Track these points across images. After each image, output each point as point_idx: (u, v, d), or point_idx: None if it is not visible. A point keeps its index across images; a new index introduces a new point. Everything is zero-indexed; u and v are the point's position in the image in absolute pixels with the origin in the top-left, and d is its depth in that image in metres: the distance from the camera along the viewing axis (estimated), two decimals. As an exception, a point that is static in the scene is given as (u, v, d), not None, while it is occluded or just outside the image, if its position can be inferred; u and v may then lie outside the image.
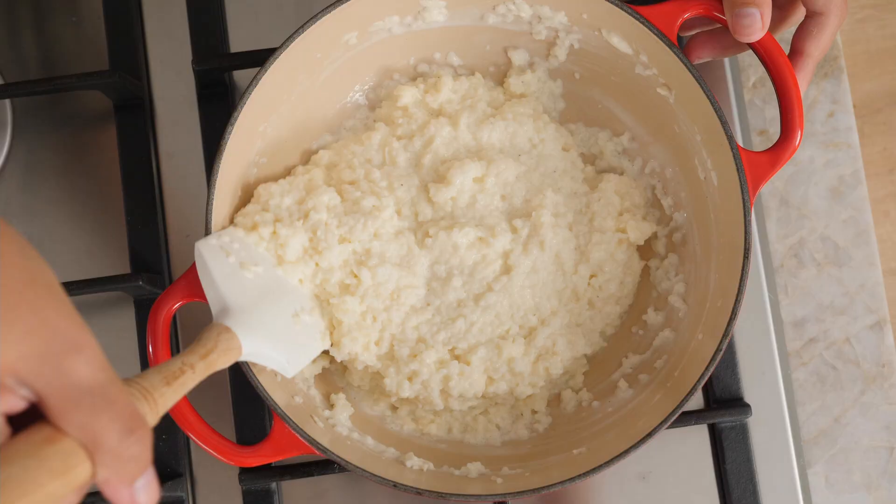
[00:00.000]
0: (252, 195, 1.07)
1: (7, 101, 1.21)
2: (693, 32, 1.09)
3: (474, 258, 1.08)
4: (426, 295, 1.08)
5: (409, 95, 1.12)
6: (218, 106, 1.20)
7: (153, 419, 0.77)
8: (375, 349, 1.07)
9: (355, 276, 1.06)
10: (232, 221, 1.05)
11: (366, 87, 1.14)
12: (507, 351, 1.07)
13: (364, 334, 1.06)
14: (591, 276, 1.11)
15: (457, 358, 1.07)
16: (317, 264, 1.05)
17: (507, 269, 1.08)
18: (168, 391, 0.80)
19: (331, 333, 1.06)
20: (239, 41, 1.21)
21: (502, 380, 1.08)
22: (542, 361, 1.08)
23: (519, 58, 1.13)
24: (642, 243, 1.12)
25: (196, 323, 1.17)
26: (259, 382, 0.98)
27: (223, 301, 0.97)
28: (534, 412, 1.11)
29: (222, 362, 0.91)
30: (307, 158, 1.12)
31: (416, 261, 1.08)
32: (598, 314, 1.11)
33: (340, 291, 1.06)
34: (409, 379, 1.06)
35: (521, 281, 1.08)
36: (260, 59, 1.08)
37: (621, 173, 1.14)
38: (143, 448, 0.69)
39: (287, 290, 1.04)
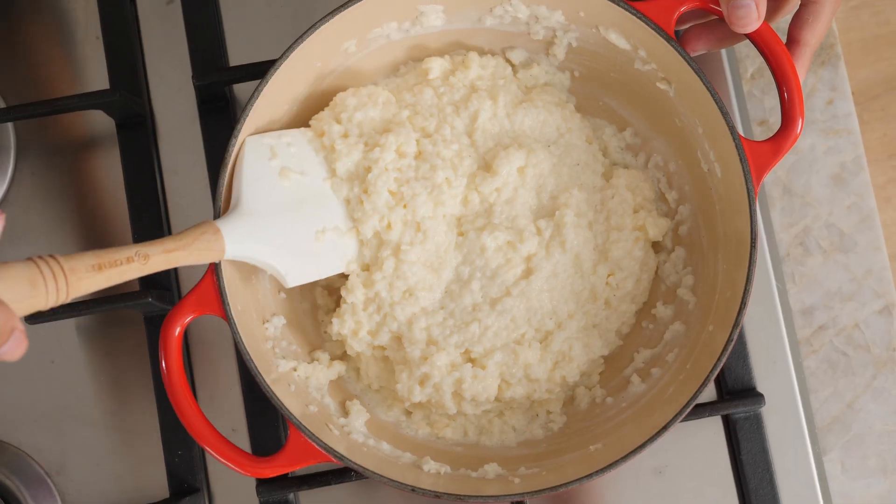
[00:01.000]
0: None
1: (9, 125, 1.22)
2: (688, 25, 1.09)
3: (499, 261, 1.08)
4: (441, 298, 1.08)
5: (438, 67, 1.12)
6: (219, 120, 1.20)
7: (55, 299, 0.80)
8: (368, 339, 1.08)
9: (377, 260, 1.06)
10: None
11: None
12: (523, 356, 1.07)
13: (356, 321, 1.07)
14: (609, 275, 1.11)
15: (472, 361, 1.07)
16: (360, 201, 1.06)
17: (527, 273, 1.08)
18: (95, 277, 0.83)
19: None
20: (238, 54, 1.22)
21: (519, 385, 1.08)
22: (558, 370, 1.08)
23: (517, 56, 1.13)
24: (661, 239, 1.12)
25: (208, 336, 1.17)
26: (274, 393, 0.98)
27: (239, 199, 1.00)
28: (548, 412, 1.11)
29: (192, 259, 0.93)
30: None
31: (448, 263, 1.08)
32: (614, 313, 1.12)
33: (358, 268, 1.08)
34: (421, 383, 1.06)
35: (540, 285, 1.08)
36: (260, 71, 1.08)
37: (626, 168, 1.14)
38: None
39: (324, 204, 1.06)
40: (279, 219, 1.02)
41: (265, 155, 1.03)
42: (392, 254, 1.06)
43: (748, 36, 1.00)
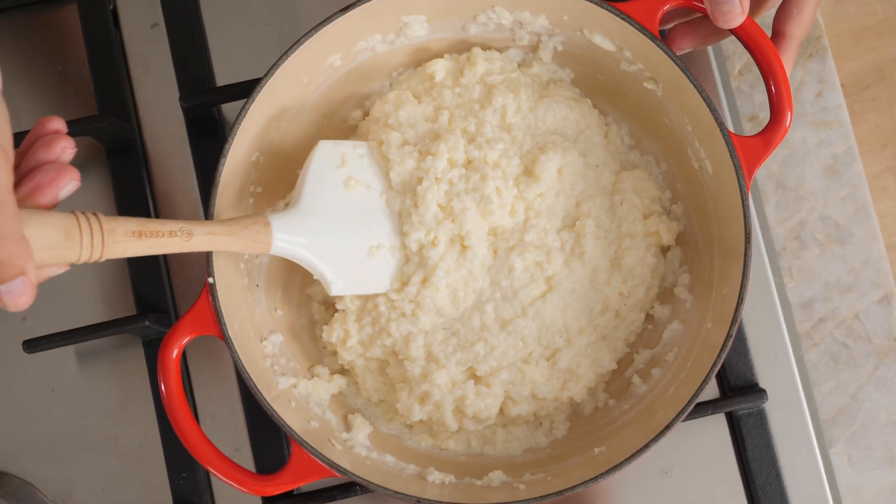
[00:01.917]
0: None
1: (-1, 155, 1.21)
2: (672, 24, 1.09)
3: (524, 282, 1.06)
4: (447, 320, 1.08)
5: (442, 69, 1.11)
6: (209, 141, 1.20)
7: (88, 254, 0.80)
8: (359, 349, 1.07)
9: (406, 281, 1.06)
10: None
11: (354, 104, 1.14)
12: (529, 375, 1.06)
13: (345, 329, 1.07)
14: (621, 283, 1.10)
15: (475, 378, 1.07)
16: (409, 213, 1.06)
17: (546, 291, 1.07)
18: (133, 242, 0.83)
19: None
20: (224, 75, 1.22)
21: (525, 403, 1.07)
22: (566, 390, 1.07)
23: (513, 57, 1.13)
24: (674, 243, 1.11)
25: (207, 356, 1.17)
26: (274, 411, 0.98)
27: (298, 199, 1.01)
28: (553, 422, 1.11)
29: (237, 247, 0.94)
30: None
31: (473, 291, 1.07)
32: (623, 322, 1.10)
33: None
34: (421, 401, 1.06)
35: (555, 303, 1.07)
36: (246, 90, 1.08)
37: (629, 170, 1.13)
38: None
39: (382, 221, 1.06)
40: (336, 225, 1.02)
41: (335, 162, 1.04)
42: (421, 280, 1.05)
43: (733, 31, 1.00)
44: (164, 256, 1.19)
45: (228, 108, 1.21)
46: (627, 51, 1.05)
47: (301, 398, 1.05)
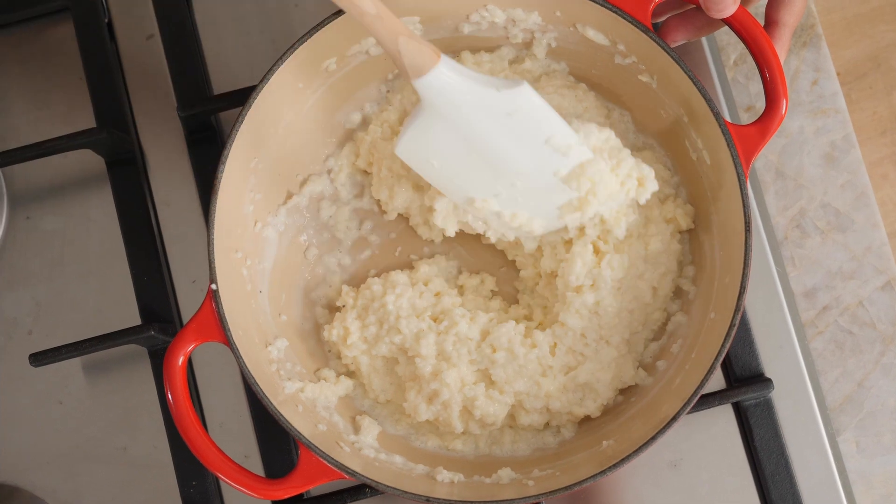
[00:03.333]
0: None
1: (0, 171, 1.22)
2: (665, 17, 1.09)
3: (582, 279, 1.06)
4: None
5: None
6: (208, 149, 1.20)
7: None
8: (362, 346, 1.07)
9: (435, 320, 1.06)
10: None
11: (351, 108, 1.14)
12: (545, 387, 1.06)
13: (344, 326, 1.07)
14: (652, 272, 1.09)
15: (489, 382, 1.07)
16: None
17: (594, 289, 1.07)
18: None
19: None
20: (221, 83, 1.22)
21: (536, 413, 1.07)
22: (582, 408, 1.07)
23: (505, 54, 1.13)
24: (693, 226, 1.10)
25: (213, 364, 1.17)
26: (282, 415, 0.98)
27: None
28: (560, 426, 1.10)
29: (413, 41, 0.95)
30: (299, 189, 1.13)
31: None
32: (649, 321, 1.10)
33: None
34: (429, 400, 1.06)
35: (604, 301, 1.06)
36: (243, 97, 1.08)
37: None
38: None
39: None
40: None
41: None
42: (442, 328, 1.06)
43: (726, 21, 1.00)
44: (167, 262, 1.19)
45: (226, 116, 1.22)
46: (621, 45, 1.05)
47: (308, 402, 1.05)
